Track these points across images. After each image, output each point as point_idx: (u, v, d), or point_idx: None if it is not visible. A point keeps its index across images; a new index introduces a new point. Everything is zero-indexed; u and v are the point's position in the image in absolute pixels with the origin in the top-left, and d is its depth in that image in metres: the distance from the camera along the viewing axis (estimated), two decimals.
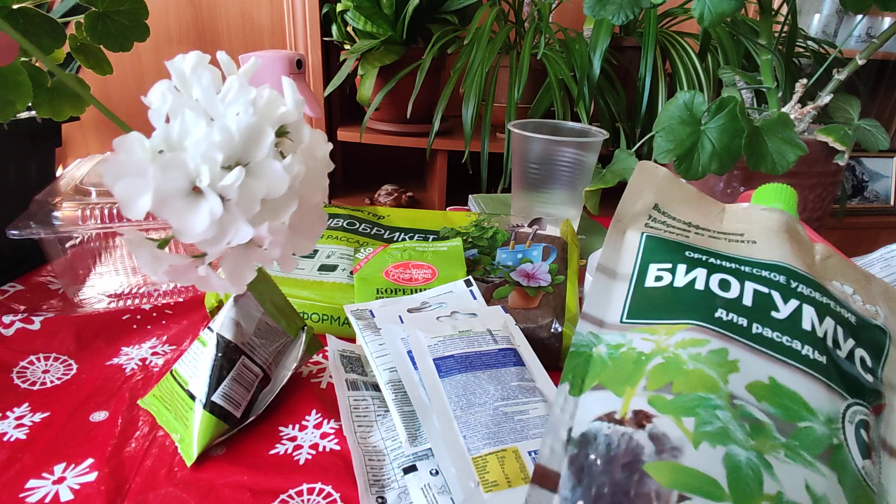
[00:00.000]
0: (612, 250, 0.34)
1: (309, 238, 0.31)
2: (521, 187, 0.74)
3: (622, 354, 0.28)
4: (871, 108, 1.79)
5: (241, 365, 0.42)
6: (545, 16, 1.08)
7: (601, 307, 0.31)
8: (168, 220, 0.24)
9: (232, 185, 0.25)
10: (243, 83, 0.27)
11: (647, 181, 0.36)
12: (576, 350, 0.29)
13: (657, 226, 0.34)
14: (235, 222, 0.25)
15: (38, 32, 0.44)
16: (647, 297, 0.31)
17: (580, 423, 0.26)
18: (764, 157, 0.54)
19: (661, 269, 0.31)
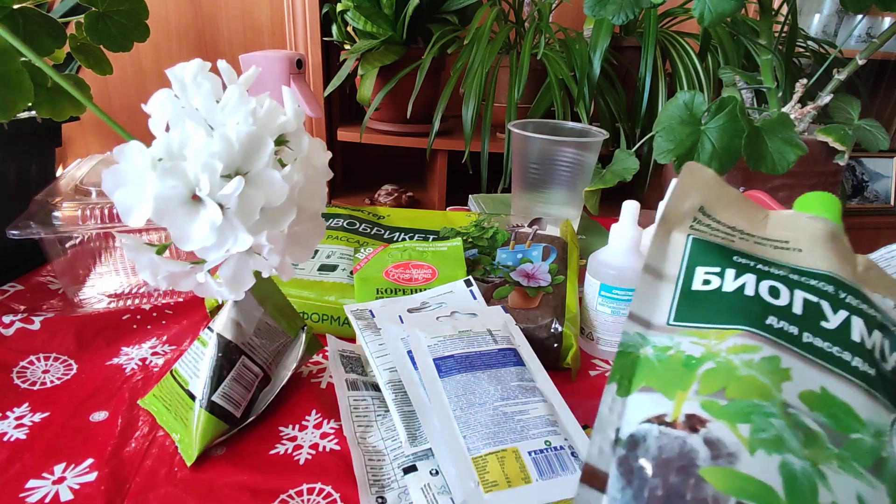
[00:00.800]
0: (658, 251, 0.33)
1: (307, 246, 0.31)
2: (521, 187, 0.74)
3: (670, 357, 0.28)
4: (871, 108, 1.79)
5: (241, 365, 0.42)
6: (545, 16, 1.08)
7: (648, 308, 0.31)
8: (167, 227, 0.25)
9: (231, 195, 0.25)
10: (243, 93, 0.27)
11: (694, 182, 0.36)
12: (623, 350, 0.29)
13: (702, 228, 0.34)
14: (235, 231, 0.25)
15: (39, 32, 0.44)
16: (694, 301, 0.31)
17: (628, 424, 0.26)
18: (764, 157, 0.54)
19: (709, 273, 0.31)
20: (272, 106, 0.28)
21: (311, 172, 0.29)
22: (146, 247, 0.27)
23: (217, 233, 0.25)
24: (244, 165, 0.26)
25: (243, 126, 0.26)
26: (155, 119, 0.26)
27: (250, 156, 0.26)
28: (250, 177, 0.26)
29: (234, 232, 0.25)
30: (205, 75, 0.27)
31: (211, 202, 0.25)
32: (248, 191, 0.25)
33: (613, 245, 0.51)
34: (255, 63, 0.81)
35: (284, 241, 0.27)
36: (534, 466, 0.35)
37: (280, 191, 0.26)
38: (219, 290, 0.27)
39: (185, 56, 1.56)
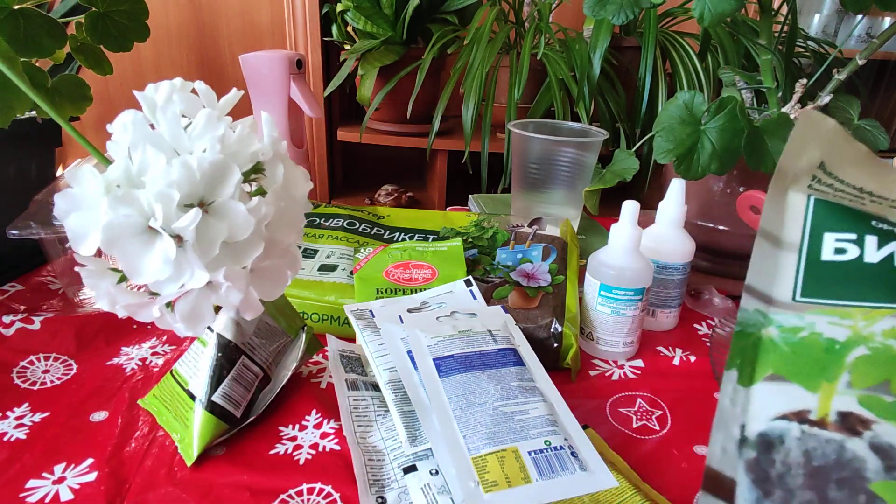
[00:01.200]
0: (773, 213, 0.29)
1: (278, 282, 0.29)
2: (521, 187, 0.74)
3: (803, 340, 0.24)
4: (871, 108, 1.78)
5: (241, 365, 0.42)
6: (545, 16, 1.08)
7: (767, 280, 0.27)
8: (118, 258, 0.23)
9: (187, 227, 0.23)
10: (211, 118, 0.25)
11: (813, 134, 0.30)
12: (742, 330, 0.26)
13: (823, 188, 0.29)
14: (191, 265, 0.24)
15: (39, 33, 0.44)
16: (826, 273, 0.26)
17: (756, 420, 0.23)
18: (764, 157, 0.54)
19: (843, 240, 0.27)
20: (244, 133, 0.26)
21: (285, 204, 0.27)
22: (108, 273, 0.25)
23: (172, 266, 0.23)
24: (208, 195, 0.24)
25: (208, 154, 0.24)
26: (115, 141, 0.25)
27: (215, 185, 0.24)
28: (214, 207, 0.24)
29: (191, 266, 0.24)
30: (181, 96, 0.26)
31: (165, 234, 0.23)
32: (209, 222, 0.24)
33: (613, 245, 0.51)
34: (255, 63, 0.81)
35: (247, 277, 0.25)
36: (534, 466, 0.35)
37: (244, 224, 0.24)
38: (176, 325, 0.26)
39: (185, 56, 1.56)
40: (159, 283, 0.24)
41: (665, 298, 0.58)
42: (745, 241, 0.64)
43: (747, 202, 0.48)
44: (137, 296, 0.25)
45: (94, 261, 0.25)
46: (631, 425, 0.45)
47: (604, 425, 0.45)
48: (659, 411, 0.47)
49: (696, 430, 0.44)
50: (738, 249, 0.65)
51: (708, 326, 0.61)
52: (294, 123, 0.82)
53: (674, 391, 0.49)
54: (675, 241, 0.57)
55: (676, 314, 0.60)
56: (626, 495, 0.34)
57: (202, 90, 0.27)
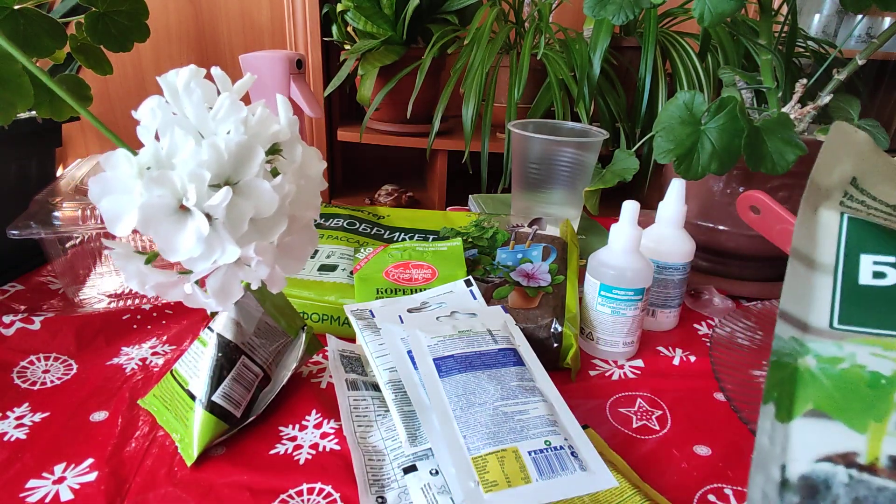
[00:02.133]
0: (805, 230, 0.27)
1: (299, 258, 0.30)
2: (521, 187, 0.74)
3: (844, 373, 0.23)
4: (871, 108, 1.78)
5: (241, 365, 0.42)
6: (545, 16, 1.08)
7: (802, 305, 0.25)
8: (153, 238, 0.24)
9: (219, 205, 0.24)
10: (235, 101, 0.26)
11: (846, 147, 0.29)
12: (777, 360, 0.24)
13: (856, 206, 0.28)
14: (222, 242, 0.25)
15: (39, 33, 0.44)
16: (865, 298, 0.25)
17: (797, 461, 0.21)
18: (764, 157, 0.54)
19: (882, 263, 0.25)
20: (265, 114, 0.27)
21: (304, 182, 0.29)
22: (135, 255, 0.26)
23: (204, 244, 0.24)
24: (234, 175, 0.25)
25: (233, 135, 0.25)
26: (144, 126, 0.26)
27: (240, 165, 0.25)
28: (240, 187, 0.25)
29: (222, 243, 0.25)
30: (198, 82, 0.27)
31: (198, 212, 0.24)
32: (237, 201, 0.25)
33: (613, 245, 0.51)
34: (255, 63, 0.81)
35: (274, 252, 0.27)
36: (534, 466, 0.35)
37: (270, 201, 0.26)
38: (206, 301, 0.27)
39: (185, 56, 1.56)
40: (192, 260, 0.25)
41: (665, 298, 0.58)
42: (745, 241, 0.64)
43: (747, 202, 0.48)
44: (167, 274, 0.26)
45: (121, 244, 0.26)
46: (631, 425, 0.45)
47: (604, 425, 0.45)
48: (659, 411, 0.47)
49: (696, 430, 0.44)
50: (738, 249, 0.65)
51: (708, 326, 0.61)
52: None
53: (674, 391, 0.49)
54: (675, 241, 0.57)
55: (676, 314, 0.60)
56: (626, 495, 0.34)
57: (218, 76, 0.28)
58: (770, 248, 0.48)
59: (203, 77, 0.28)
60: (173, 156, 0.25)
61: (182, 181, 0.24)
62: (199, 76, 0.27)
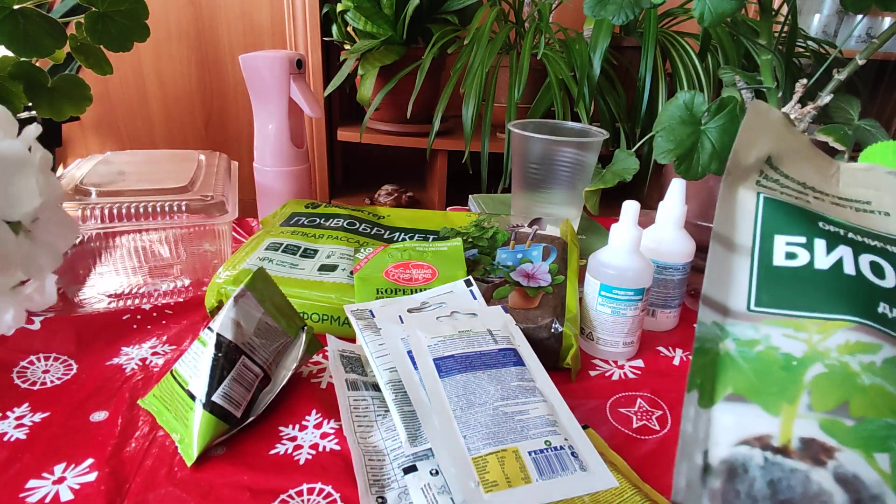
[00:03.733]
0: (725, 213, 0.26)
1: None
2: (521, 187, 0.74)
3: (760, 355, 0.22)
4: (871, 108, 1.78)
5: (242, 365, 0.42)
6: (545, 16, 1.08)
7: (722, 289, 0.25)
8: None
9: None
10: None
11: (762, 125, 0.28)
12: (700, 346, 0.23)
13: (770, 185, 0.27)
14: None
15: (39, 33, 0.44)
16: (779, 280, 0.24)
17: (718, 445, 0.21)
18: None
19: (793, 244, 0.25)
20: None
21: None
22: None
23: None
24: None
25: None
26: None
27: None
28: None
29: None
30: None
31: None
32: None
33: (613, 245, 0.51)
34: (255, 63, 0.81)
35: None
36: (534, 466, 0.35)
37: None
38: None
39: (184, 56, 1.56)
40: None
41: (665, 298, 0.58)
42: None
43: None
44: None
45: None
46: (631, 425, 0.45)
47: (604, 425, 0.45)
48: (659, 411, 0.47)
49: None
50: None
51: None
52: (294, 123, 0.82)
53: (674, 391, 0.49)
54: (675, 241, 0.57)
55: (676, 314, 0.60)
56: (626, 495, 0.34)
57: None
58: None
59: None
60: None
61: None
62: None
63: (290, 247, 0.59)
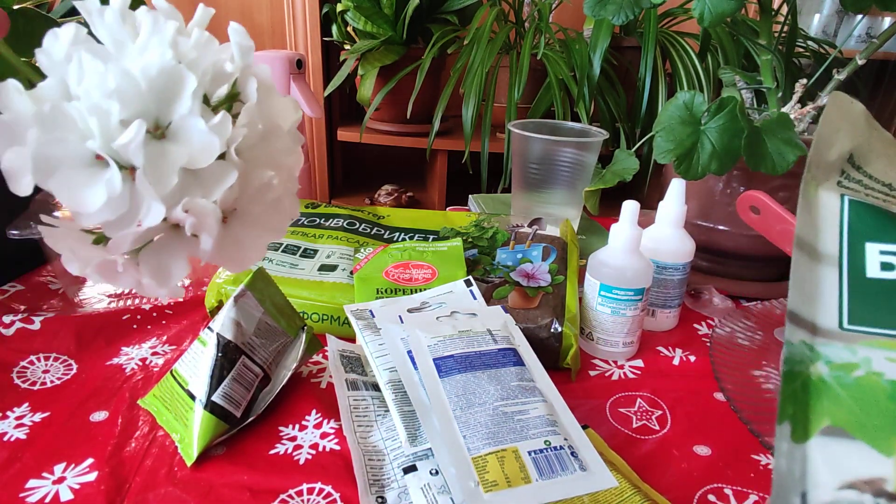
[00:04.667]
0: (807, 216, 0.24)
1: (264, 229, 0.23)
2: (521, 187, 0.74)
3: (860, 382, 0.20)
4: (871, 108, 1.78)
5: (241, 365, 0.42)
6: (545, 16, 1.08)
7: (809, 303, 0.22)
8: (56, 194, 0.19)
9: (130, 145, 0.18)
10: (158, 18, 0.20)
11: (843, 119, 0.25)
12: (790, 370, 0.20)
13: (853, 186, 0.25)
14: (144, 197, 0.19)
15: (39, 33, 0.44)
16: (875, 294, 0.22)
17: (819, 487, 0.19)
18: (764, 157, 0.54)
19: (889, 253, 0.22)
20: (202, 38, 0.21)
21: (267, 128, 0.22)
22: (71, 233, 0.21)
23: (121, 201, 0.19)
24: (162, 115, 0.20)
25: (156, 58, 0.19)
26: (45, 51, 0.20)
27: (167, 100, 0.19)
28: (171, 130, 0.20)
29: (145, 200, 0.19)
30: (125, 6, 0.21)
31: (111, 161, 0.19)
32: (162, 146, 0.19)
33: (613, 245, 0.51)
34: None
35: (216, 215, 0.20)
36: (534, 466, 0.35)
37: (206, 145, 0.19)
38: (146, 282, 0.21)
39: None
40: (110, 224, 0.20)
41: (665, 298, 0.58)
42: (745, 241, 0.64)
43: (747, 202, 0.48)
44: (97, 251, 0.21)
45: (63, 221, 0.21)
46: (631, 425, 0.45)
47: (604, 425, 0.45)
48: (659, 411, 0.47)
49: (696, 430, 0.44)
50: (738, 249, 0.65)
51: (708, 326, 0.61)
52: None
53: (674, 391, 0.49)
54: (675, 241, 0.57)
55: (676, 314, 0.60)
56: (626, 495, 0.34)
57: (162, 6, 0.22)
58: (770, 248, 0.48)
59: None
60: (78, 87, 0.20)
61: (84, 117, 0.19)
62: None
63: (290, 247, 0.59)
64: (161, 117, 0.20)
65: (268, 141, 0.23)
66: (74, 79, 0.19)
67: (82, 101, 0.19)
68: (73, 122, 0.19)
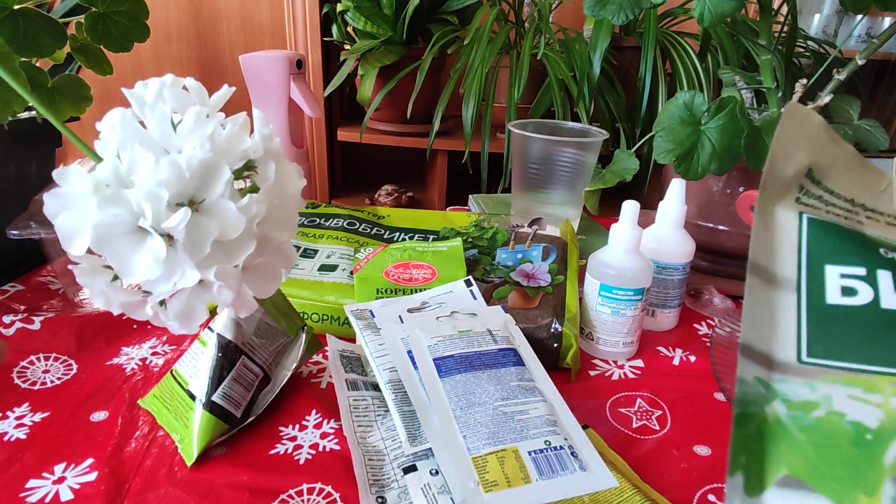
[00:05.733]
0: (761, 238, 0.22)
1: (270, 280, 0.29)
2: (521, 187, 0.74)
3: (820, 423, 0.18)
4: (871, 108, 1.78)
5: (241, 365, 0.42)
6: (545, 16, 1.08)
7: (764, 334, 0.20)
8: (109, 259, 0.23)
9: (177, 226, 0.23)
10: (201, 116, 0.25)
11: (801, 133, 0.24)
12: (742, 412, 0.18)
13: (813, 202, 0.23)
14: (182, 264, 0.24)
15: (39, 33, 0.44)
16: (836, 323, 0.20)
17: None
18: (764, 157, 0.54)
19: (850, 276, 0.20)
20: (234, 131, 0.26)
21: (280, 201, 0.27)
22: (103, 271, 0.25)
23: (162, 265, 0.23)
24: (198, 194, 0.24)
25: (197, 152, 0.24)
26: (104, 140, 0.25)
27: (204, 184, 0.24)
28: (204, 206, 0.24)
29: (182, 265, 0.24)
30: (171, 93, 0.26)
31: (155, 234, 0.23)
32: (199, 221, 0.24)
33: (613, 245, 0.51)
34: (255, 63, 0.81)
35: (238, 276, 0.25)
36: (534, 466, 0.35)
37: (235, 223, 0.24)
38: (170, 323, 0.26)
39: (185, 56, 1.56)
40: (151, 282, 0.24)
41: (665, 298, 0.58)
42: (745, 241, 0.64)
43: (747, 202, 0.48)
44: (131, 294, 0.25)
45: (89, 258, 0.25)
46: (631, 425, 0.45)
47: (604, 425, 0.45)
48: (659, 411, 0.47)
49: (695, 430, 0.44)
50: (738, 249, 0.65)
51: (708, 326, 0.61)
52: (294, 123, 0.82)
53: (674, 391, 0.49)
54: (675, 241, 0.57)
55: (676, 314, 0.60)
56: (626, 495, 0.34)
57: (192, 87, 0.27)
58: None
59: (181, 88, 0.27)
60: (132, 173, 0.24)
61: (138, 200, 0.23)
62: (175, 86, 0.26)
63: None
64: (196, 195, 0.24)
65: (278, 209, 0.27)
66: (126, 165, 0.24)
67: (137, 187, 0.23)
68: (129, 203, 0.23)
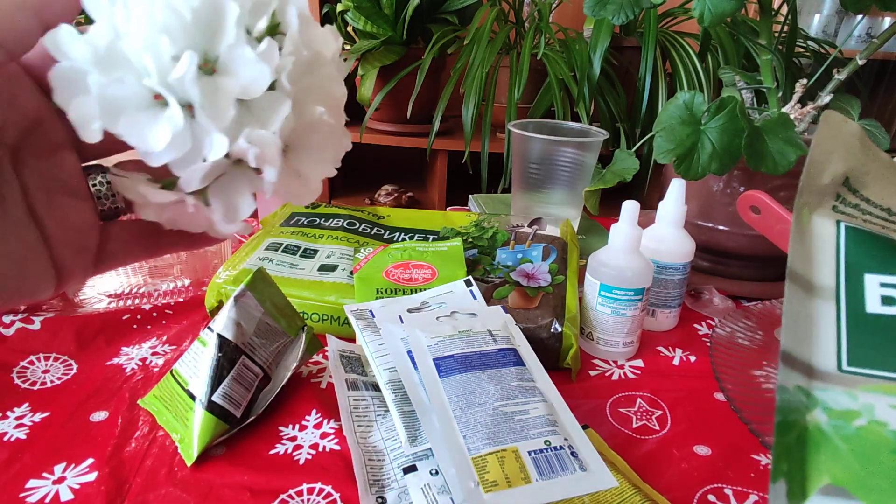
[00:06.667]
0: (800, 245, 0.22)
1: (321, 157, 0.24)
2: (521, 187, 0.74)
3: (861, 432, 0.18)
4: (871, 108, 1.79)
5: (242, 365, 0.42)
6: (545, 16, 1.08)
7: (804, 343, 0.20)
8: (125, 138, 0.20)
9: (184, 79, 0.19)
10: None
11: (836, 141, 0.24)
12: (783, 420, 0.18)
13: (850, 211, 0.23)
14: (205, 131, 0.20)
15: None
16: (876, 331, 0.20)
17: None
18: (764, 157, 0.54)
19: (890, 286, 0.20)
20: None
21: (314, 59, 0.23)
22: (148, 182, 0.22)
23: (185, 137, 0.20)
24: (210, 47, 0.20)
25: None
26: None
27: (213, 32, 0.20)
28: (220, 65, 0.20)
29: (207, 134, 0.20)
30: None
31: (170, 96, 0.19)
32: (214, 79, 0.20)
33: (613, 245, 0.51)
34: None
35: (278, 145, 0.21)
36: (533, 466, 0.35)
37: (258, 73, 0.20)
38: (214, 217, 0.22)
39: None
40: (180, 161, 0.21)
41: (665, 298, 0.58)
42: (745, 241, 0.64)
43: (747, 202, 0.48)
44: (166, 193, 0.22)
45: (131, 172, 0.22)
46: (631, 425, 0.45)
47: (604, 425, 0.45)
48: (659, 411, 0.47)
49: (695, 430, 0.44)
50: (738, 249, 0.65)
51: (708, 326, 0.61)
52: None
53: (674, 391, 0.49)
54: (675, 241, 0.57)
55: (676, 314, 0.60)
56: (626, 495, 0.34)
57: None
58: (770, 248, 0.48)
59: None
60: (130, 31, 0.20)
61: (139, 57, 0.19)
62: None
63: (290, 247, 0.59)
64: (209, 51, 0.20)
65: (314, 70, 0.23)
66: (122, 18, 0.20)
67: (134, 38, 0.19)
68: (129, 61, 0.19)
